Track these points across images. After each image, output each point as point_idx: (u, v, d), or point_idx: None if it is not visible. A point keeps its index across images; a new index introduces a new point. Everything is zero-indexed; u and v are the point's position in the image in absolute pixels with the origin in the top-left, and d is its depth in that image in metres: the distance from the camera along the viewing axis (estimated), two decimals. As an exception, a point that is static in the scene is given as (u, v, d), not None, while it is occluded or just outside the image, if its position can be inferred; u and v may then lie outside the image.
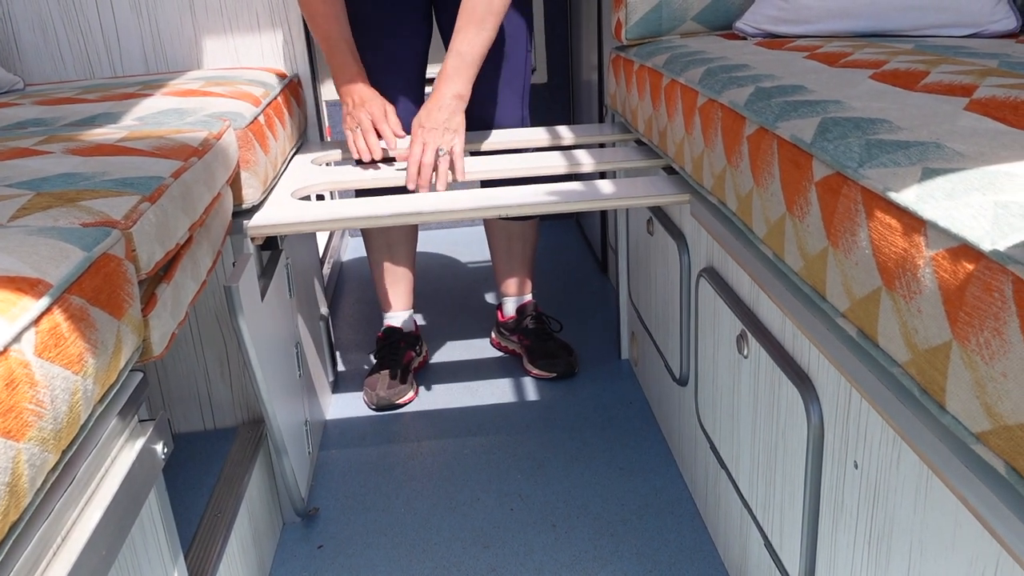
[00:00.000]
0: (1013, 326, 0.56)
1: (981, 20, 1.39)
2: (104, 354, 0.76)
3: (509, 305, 2.17)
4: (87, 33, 1.85)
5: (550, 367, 2.05)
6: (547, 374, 2.05)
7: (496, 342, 2.23)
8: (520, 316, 2.13)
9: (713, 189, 1.20)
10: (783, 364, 1.05)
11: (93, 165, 1.04)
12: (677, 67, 1.40)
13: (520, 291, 2.15)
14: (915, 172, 0.73)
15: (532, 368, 2.07)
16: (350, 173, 1.61)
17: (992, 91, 0.94)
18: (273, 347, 1.41)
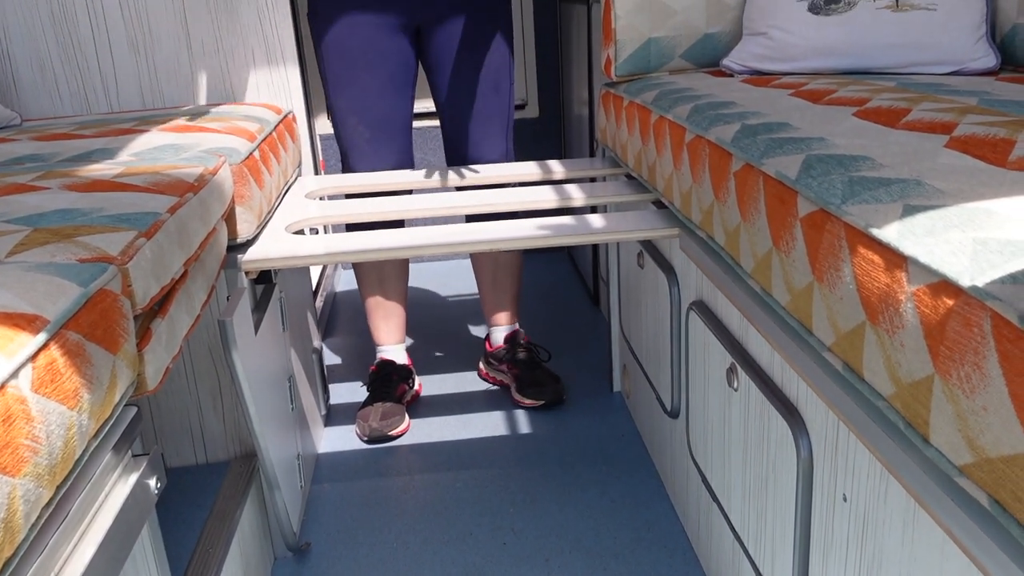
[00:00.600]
0: (992, 360, 0.57)
1: (962, 58, 1.43)
2: (99, 389, 0.77)
3: (497, 335, 2.18)
4: (84, 70, 1.87)
5: (538, 395, 2.05)
6: (535, 402, 2.06)
7: (484, 373, 2.24)
8: (509, 345, 2.14)
9: (701, 223, 1.22)
10: (772, 398, 1.06)
11: (90, 201, 1.05)
12: (666, 103, 1.43)
13: (507, 321, 2.17)
14: (896, 209, 0.75)
15: (520, 397, 2.08)
16: (344, 207, 1.63)
17: (972, 128, 0.96)
18: (266, 381, 1.42)
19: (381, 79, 1.85)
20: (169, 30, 1.86)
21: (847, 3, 1.47)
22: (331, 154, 3.09)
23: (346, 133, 1.90)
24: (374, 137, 1.89)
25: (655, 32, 1.68)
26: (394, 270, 2.06)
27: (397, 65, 1.86)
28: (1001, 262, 0.61)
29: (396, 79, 1.87)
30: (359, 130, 1.88)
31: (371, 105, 1.86)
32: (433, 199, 1.63)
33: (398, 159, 1.92)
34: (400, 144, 1.92)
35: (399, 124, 1.90)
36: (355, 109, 1.86)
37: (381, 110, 1.87)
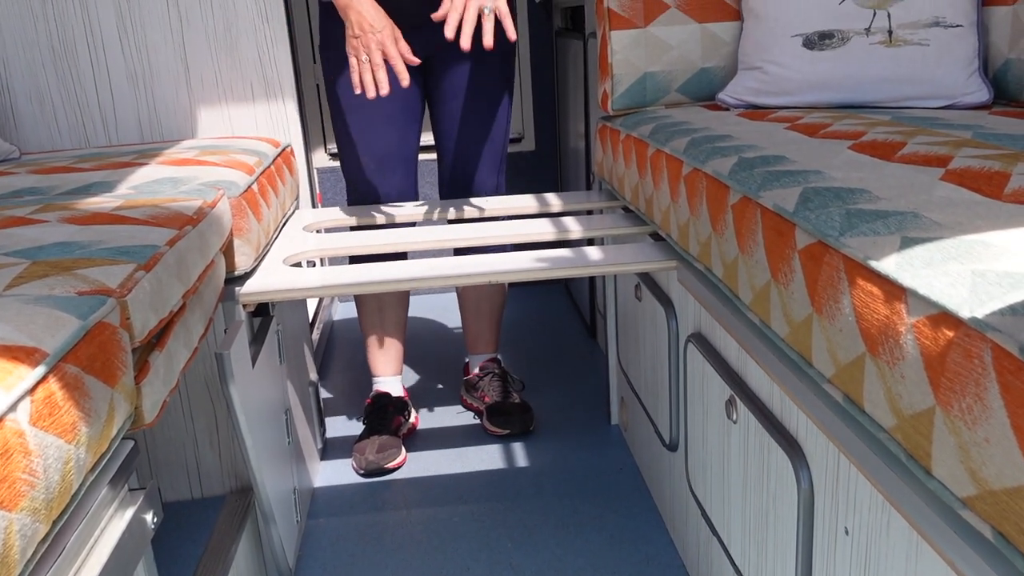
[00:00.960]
0: (994, 392, 0.57)
1: (955, 92, 1.44)
2: (97, 422, 0.76)
3: (474, 363, 2.21)
4: (83, 103, 1.88)
5: (504, 424, 2.08)
6: (500, 431, 2.08)
7: (463, 399, 2.26)
8: (482, 373, 2.16)
9: (699, 256, 1.23)
10: (772, 430, 1.05)
11: (88, 234, 1.05)
12: (662, 137, 1.44)
13: (486, 349, 2.20)
14: (894, 241, 0.75)
15: (488, 425, 2.10)
16: (340, 240, 1.63)
17: (967, 162, 0.97)
18: (263, 414, 1.41)
19: (386, 112, 1.87)
20: (168, 64, 1.87)
21: (841, 38, 1.49)
22: (328, 187, 3.11)
23: (350, 163, 1.92)
24: (377, 168, 1.90)
25: (651, 67, 1.70)
26: (394, 301, 2.06)
27: (402, 98, 1.88)
28: (1000, 293, 0.62)
29: (401, 112, 1.89)
30: (363, 160, 1.90)
31: (375, 137, 1.88)
32: (430, 232, 1.64)
33: (401, 190, 1.94)
34: (403, 175, 1.93)
35: (403, 156, 1.92)
36: (359, 140, 1.88)
37: (385, 142, 1.89)
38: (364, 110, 1.86)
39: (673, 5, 1.68)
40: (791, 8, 1.53)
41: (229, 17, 1.85)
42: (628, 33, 1.69)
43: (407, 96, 1.89)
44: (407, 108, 1.90)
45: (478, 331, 2.18)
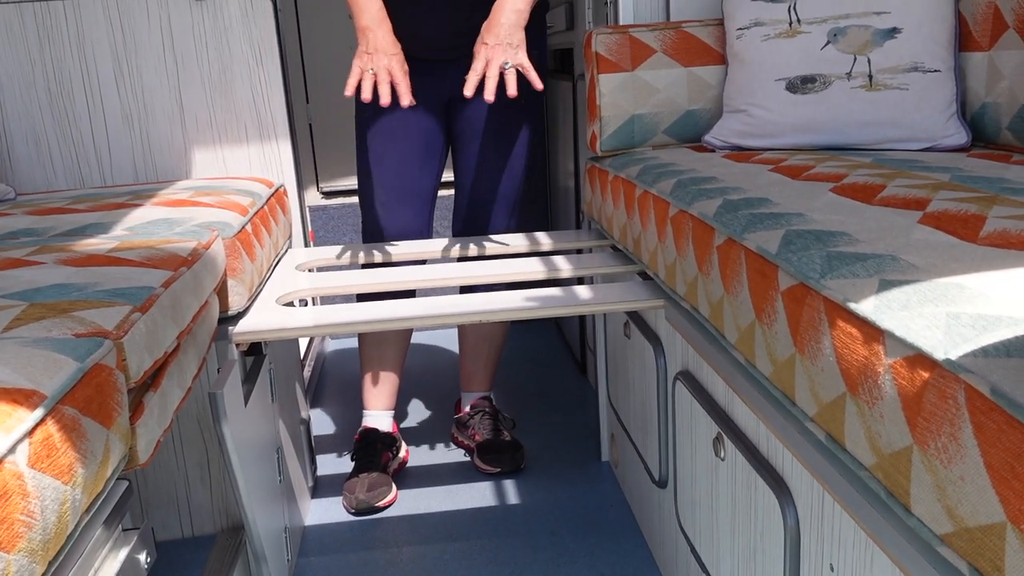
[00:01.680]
0: (967, 431, 0.59)
1: (934, 135, 1.48)
2: (93, 463, 0.78)
3: (466, 400, 2.23)
4: (79, 144, 1.91)
5: (495, 462, 2.09)
6: (492, 469, 2.09)
7: (454, 436, 2.27)
8: (472, 412, 2.17)
9: (686, 295, 1.25)
10: (758, 467, 1.07)
11: (85, 276, 1.07)
12: (649, 178, 1.47)
13: (479, 387, 2.22)
14: (873, 284, 0.78)
15: (479, 463, 2.11)
16: (333, 279, 1.65)
17: (944, 204, 1.00)
18: (255, 453, 1.42)
19: (405, 149, 1.91)
20: (164, 105, 1.90)
21: (823, 82, 1.53)
22: (320, 225, 3.13)
23: (366, 197, 1.96)
24: (391, 202, 1.93)
25: (638, 109, 1.74)
26: (394, 337, 2.08)
27: (424, 139, 1.92)
28: (973, 336, 0.64)
29: (421, 150, 1.93)
30: (377, 193, 1.94)
31: (392, 173, 1.92)
32: (421, 271, 1.66)
33: (415, 226, 1.96)
34: (417, 212, 1.96)
35: (419, 194, 1.95)
36: (377, 175, 1.92)
37: (401, 179, 1.92)
38: (381, 148, 1.90)
39: (659, 49, 1.73)
40: (774, 53, 1.57)
41: (224, 60, 1.89)
42: (616, 76, 1.73)
43: (429, 133, 1.93)
44: (428, 145, 1.93)
45: (474, 370, 2.20)
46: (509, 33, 1.58)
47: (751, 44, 1.60)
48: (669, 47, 1.73)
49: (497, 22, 1.59)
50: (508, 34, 1.58)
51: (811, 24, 1.55)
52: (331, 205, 3.13)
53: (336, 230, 3.16)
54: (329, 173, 3.19)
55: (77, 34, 1.86)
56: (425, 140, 1.94)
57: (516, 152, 1.97)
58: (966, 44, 1.51)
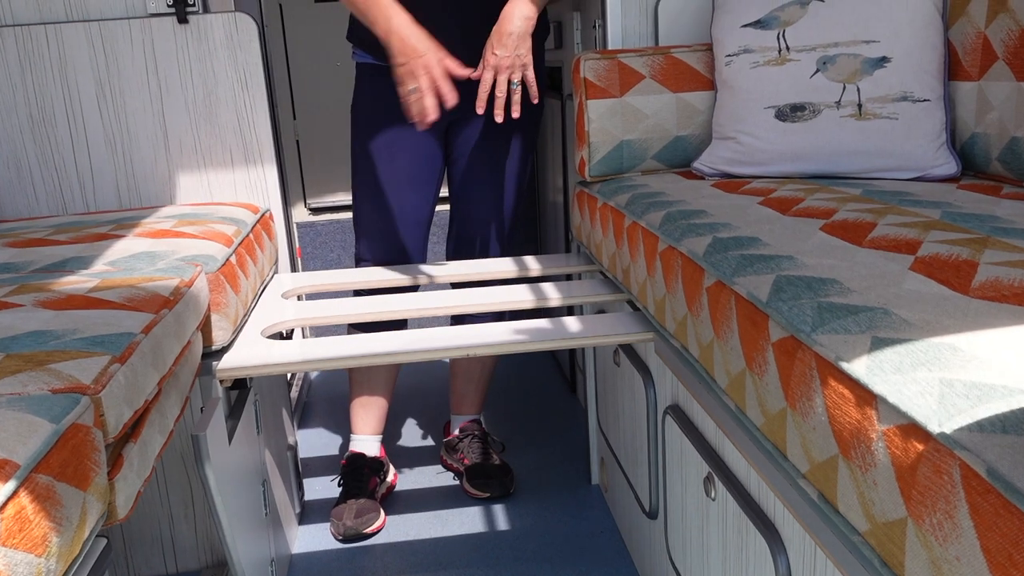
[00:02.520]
0: (963, 511, 0.58)
1: (924, 165, 1.47)
2: (68, 529, 0.75)
3: (455, 423, 2.21)
4: (61, 170, 1.88)
5: (484, 487, 2.07)
6: (481, 494, 2.08)
7: (443, 459, 2.25)
8: (462, 435, 2.15)
9: (676, 333, 1.23)
10: (750, 512, 1.06)
11: (63, 321, 1.05)
12: (639, 209, 1.45)
13: (469, 410, 2.20)
14: (865, 341, 0.77)
15: (468, 488, 2.10)
16: (319, 308, 1.63)
17: (936, 248, 0.99)
18: (239, 488, 1.40)
19: (401, 173, 1.89)
20: (147, 129, 1.88)
21: (812, 111, 1.52)
22: (307, 241, 3.11)
23: (360, 220, 1.94)
24: (385, 227, 1.92)
25: (627, 135, 1.73)
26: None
27: (420, 160, 1.90)
28: (967, 407, 0.62)
29: (417, 174, 1.91)
30: (372, 219, 1.92)
31: (387, 197, 1.90)
32: (408, 300, 1.64)
33: (409, 252, 1.94)
34: (412, 237, 1.94)
35: (414, 218, 1.93)
36: (371, 198, 1.90)
37: (397, 202, 1.90)
38: (376, 171, 1.88)
39: (648, 75, 1.71)
40: (763, 81, 1.56)
41: (209, 84, 1.86)
42: (604, 102, 1.71)
43: (427, 155, 1.91)
44: (426, 168, 1.92)
45: (465, 393, 2.18)
46: (517, 44, 1.58)
47: (740, 71, 1.59)
48: (658, 73, 1.72)
49: (506, 31, 1.58)
50: (516, 45, 1.58)
51: (800, 52, 1.54)
52: (319, 221, 3.11)
53: (324, 246, 3.14)
54: (317, 190, 3.17)
55: (59, 58, 1.83)
56: (423, 163, 1.92)
57: (513, 175, 1.96)
58: (956, 73, 1.50)
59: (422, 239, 1.97)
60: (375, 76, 1.89)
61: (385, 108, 1.88)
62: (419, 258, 1.98)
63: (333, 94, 3.12)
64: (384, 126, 1.87)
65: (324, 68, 3.13)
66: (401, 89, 1.58)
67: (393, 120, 1.87)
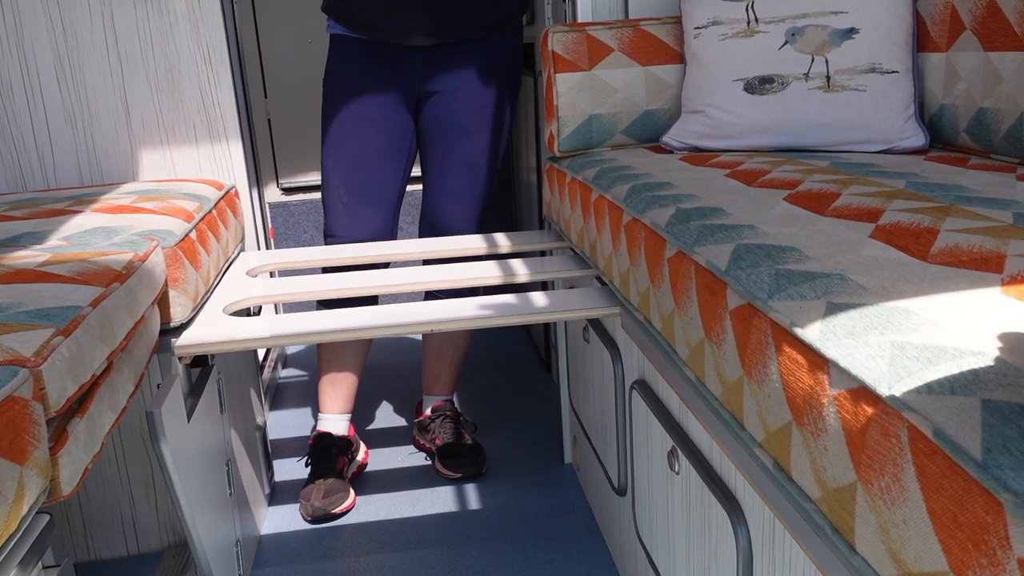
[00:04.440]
0: (910, 473, 0.57)
1: (892, 137, 1.46)
2: (3, 505, 0.73)
3: (427, 403, 2.20)
4: (20, 145, 1.84)
5: (456, 468, 2.06)
6: (452, 474, 2.06)
7: (415, 439, 2.23)
8: (433, 415, 2.13)
9: (639, 306, 1.22)
10: (711, 484, 1.05)
11: (9, 294, 1.02)
12: (605, 182, 1.43)
13: (442, 391, 2.18)
14: (819, 307, 0.75)
15: (440, 468, 2.08)
16: (284, 285, 1.60)
17: (897, 216, 0.98)
18: (201, 467, 1.37)
19: (370, 146, 1.87)
20: (108, 105, 1.84)
21: (781, 83, 1.51)
22: (280, 222, 3.07)
23: (328, 195, 1.92)
24: (353, 202, 1.89)
25: (596, 109, 1.71)
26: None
27: (390, 135, 1.88)
28: (917, 369, 0.61)
29: (387, 148, 1.88)
30: (339, 193, 1.89)
31: (355, 171, 1.87)
32: (379, 276, 1.61)
33: (377, 228, 1.92)
34: (381, 213, 1.92)
35: (382, 193, 1.90)
36: (339, 172, 1.88)
37: (364, 177, 1.88)
38: (345, 144, 1.86)
39: (617, 48, 1.69)
40: (732, 53, 1.54)
41: (171, 59, 1.83)
42: (573, 76, 1.69)
43: (397, 130, 1.89)
44: (396, 143, 1.89)
45: (438, 372, 2.16)
46: None
47: (709, 44, 1.57)
48: (627, 46, 1.70)
49: None
50: None
51: (769, 24, 1.52)
52: (291, 202, 3.07)
53: (297, 227, 3.11)
54: (289, 169, 3.13)
55: (15, 29, 1.79)
56: (392, 138, 1.89)
57: (483, 154, 1.93)
58: (924, 44, 1.49)
59: (392, 215, 1.94)
60: (348, 48, 1.86)
61: (357, 81, 1.86)
62: (390, 235, 1.96)
63: (306, 73, 3.08)
64: (354, 98, 1.85)
65: (297, 46, 3.09)
66: None
67: (364, 92, 1.84)
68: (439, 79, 1.89)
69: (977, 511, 0.50)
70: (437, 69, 1.89)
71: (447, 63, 1.89)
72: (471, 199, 1.96)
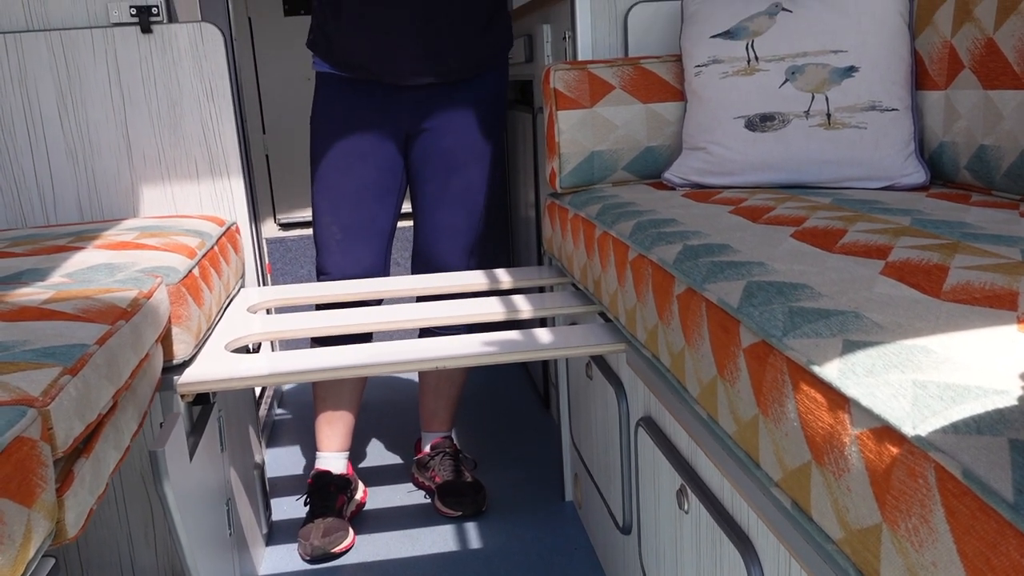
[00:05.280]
0: (939, 515, 0.56)
1: (893, 174, 1.47)
2: (11, 548, 0.72)
3: (426, 440, 2.18)
4: (20, 180, 1.84)
5: (456, 506, 2.04)
6: (452, 512, 2.04)
7: (414, 477, 2.21)
8: (433, 452, 2.12)
9: (647, 343, 1.22)
10: (723, 524, 1.04)
11: (15, 332, 1.01)
12: (609, 219, 1.44)
13: (440, 427, 2.17)
14: (836, 344, 0.75)
15: (440, 506, 2.06)
16: (286, 322, 1.60)
17: (906, 253, 0.98)
18: (201, 508, 1.35)
19: (360, 183, 1.87)
20: (110, 140, 1.84)
21: (781, 120, 1.52)
22: (277, 257, 3.07)
23: (320, 232, 1.91)
24: (345, 239, 1.89)
25: (598, 146, 1.72)
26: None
27: (380, 171, 1.88)
28: (941, 408, 0.61)
29: (377, 185, 1.89)
30: (331, 230, 1.89)
31: (346, 208, 1.87)
32: (378, 312, 1.61)
33: (369, 264, 1.92)
34: (373, 248, 1.92)
35: (373, 230, 1.91)
36: (330, 209, 1.88)
37: (355, 213, 1.88)
38: (335, 181, 1.86)
39: (618, 86, 1.71)
40: (732, 91, 1.56)
41: (173, 95, 1.83)
42: (575, 113, 1.70)
43: (387, 167, 1.89)
44: (386, 179, 1.90)
45: (435, 409, 2.15)
46: None
47: (709, 81, 1.59)
48: (628, 83, 1.71)
49: None
50: None
51: (769, 62, 1.54)
52: (289, 237, 3.07)
53: (294, 262, 3.10)
54: (287, 205, 3.13)
55: (19, 68, 1.79)
56: (383, 174, 1.90)
57: (475, 188, 1.94)
58: (923, 83, 1.51)
59: (384, 250, 1.94)
60: (334, 85, 1.88)
61: (346, 119, 1.86)
62: (383, 270, 1.96)
63: (304, 109, 3.10)
64: (344, 136, 1.86)
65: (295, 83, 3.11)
66: None
67: (353, 130, 1.85)
68: (430, 116, 1.90)
69: (1012, 554, 0.50)
70: (428, 106, 1.90)
71: (438, 100, 1.90)
72: (465, 233, 1.96)
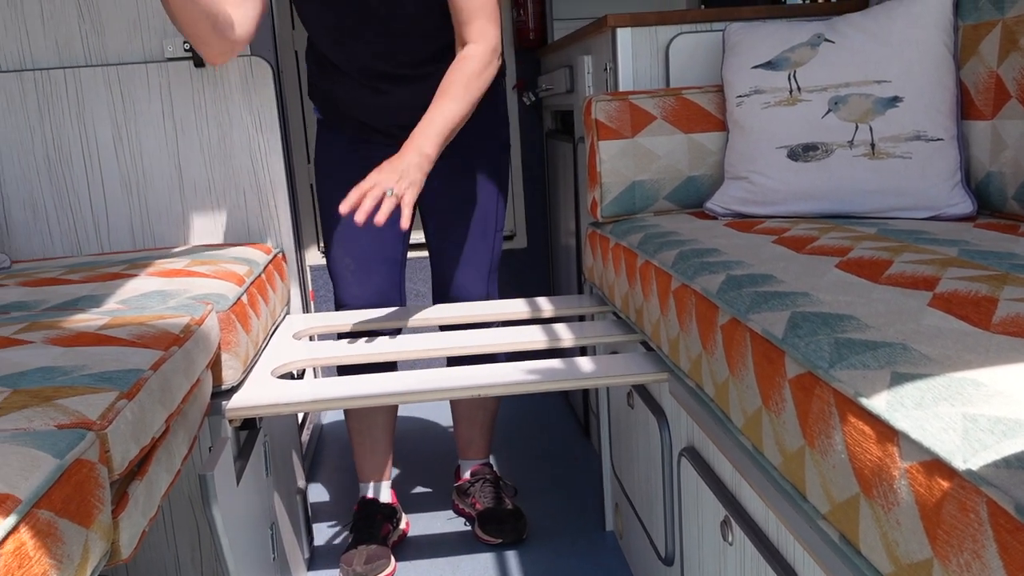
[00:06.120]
0: (992, 550, 0.56)
1: (939, 204, 1.46)
2: (69, 568, 0.74)
3: (465, 467, 2.18)
4: (76, 210, 1.90)
5: (497, 533, 2.03)
6: (493, 540, 2.03)
7: (455, 504, 2.22)
8: (473, 479, 2.12)
9: (690, 372, 1.22)
10: (768, 557, 1.03)
11: (72, 357, 1.04)
12: (651, 248, 1.44)
13: (477, 454, 2.17)
14: (884, 377, 0.75)
15: (481, 533, 2.06)
16: (330, 348, 1.62)
17: (954, 284, 0.98)
18: (247, 532, 1.37)
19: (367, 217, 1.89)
20: (162, 172, 1.89)
21: (825, 150, 1.52)
22: (321, 284, 3.11)
23: (334, 264, 1.94)
24: (359, 269, 1.91)
25: (639, 175, 1.73)
26: (378, 406, 2.04)
27: None
28: (993, 442, 0.60)
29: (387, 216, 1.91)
30: (345, 262, 1.92)
31: (358, 238, 1.90)
32: (420, 340, 1.63)
33: (385, 294, 1.94)
34: (386, 279, 1.94)
35: (386, 259, 1.93)
36: (342, 241, 1.90)
37: (367, 244, 1.90)
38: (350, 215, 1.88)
39: (659, 116, 1.72)
40: (775, 121, 1.56)
41: (224, 127, 1.88)
42: (616, 143, 1.72)
43: None
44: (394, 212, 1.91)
45: (470, 438, 2.15)
46: (406, 169, 1.48)
47: (751, 112, 1.59)
48: (669, 113, 1.72)
49: (400, 157, 1.49)
50: (405, 169, 1.48)
51: (811, 92, 1.54)
52: None
53: (336, 289, 3.14)
54: (330, 232, 3.17)
55: (77, 101, 1.86)
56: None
57: (484, 216, 1.95)
58: (969, 113, 1.50)
59: (398, 278, 1.96)
60: (337, 128, 1.91)
61: (339, 159, 1.89)
62: (398, 295, 1.97)
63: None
64: (342, 176, 1.88)
65: (339, 113, 3.16)
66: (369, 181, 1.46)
67: (356, 168, 1.86)
68: None
69: (1068, 591, 0.49)
70: None
71: None
72: (478, 264, 1.96)
